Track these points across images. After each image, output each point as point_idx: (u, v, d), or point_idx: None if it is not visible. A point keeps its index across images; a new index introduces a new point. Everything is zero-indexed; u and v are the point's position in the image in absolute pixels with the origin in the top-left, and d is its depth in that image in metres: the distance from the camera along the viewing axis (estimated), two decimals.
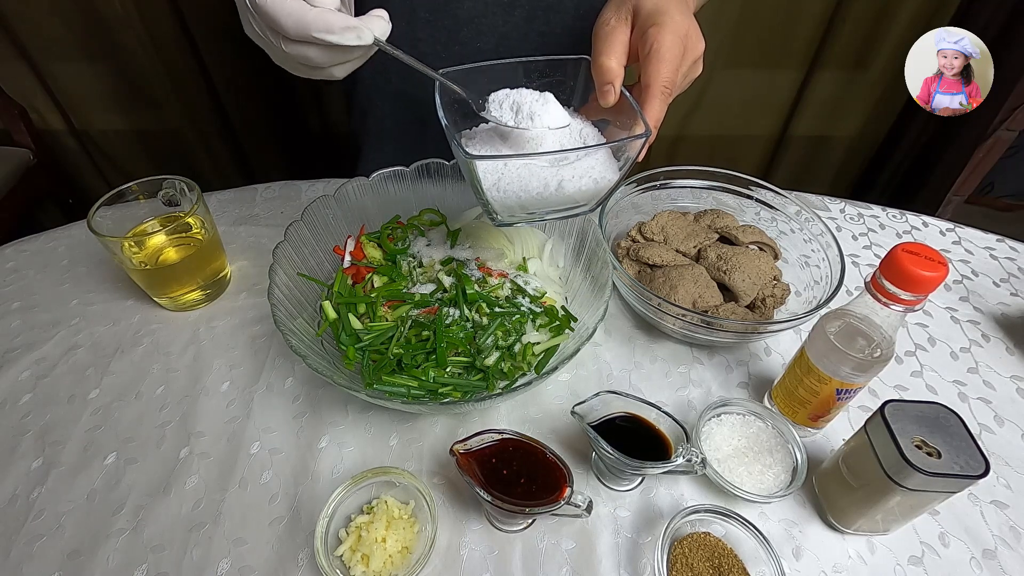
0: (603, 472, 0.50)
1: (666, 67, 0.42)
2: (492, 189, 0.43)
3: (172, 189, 0.62)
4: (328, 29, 0.37)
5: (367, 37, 0.38)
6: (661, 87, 0.42)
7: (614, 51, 0.43)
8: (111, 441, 0.53)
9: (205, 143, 1.49)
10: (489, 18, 0.67)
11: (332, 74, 0.41)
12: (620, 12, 0.44)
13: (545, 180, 0.43)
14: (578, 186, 0.44)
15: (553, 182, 0.43)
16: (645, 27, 0.43)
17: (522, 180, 0.43)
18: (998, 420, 0.55)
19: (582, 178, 0.44)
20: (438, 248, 0.61)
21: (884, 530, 0.46)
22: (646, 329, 0.63)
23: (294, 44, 0.38)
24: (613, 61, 0.43)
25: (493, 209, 0.46)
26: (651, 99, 0.42)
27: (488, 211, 0.46)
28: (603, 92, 0.44)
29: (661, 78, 0.42)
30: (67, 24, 1.26)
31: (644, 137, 0.42)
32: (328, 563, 0.42)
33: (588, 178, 0.44)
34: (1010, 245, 0.74)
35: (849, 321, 0.44)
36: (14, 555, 0.45)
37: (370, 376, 0.50)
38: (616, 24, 0.44)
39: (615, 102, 0.44)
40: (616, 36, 0.43)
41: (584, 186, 0.44)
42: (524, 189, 0.43)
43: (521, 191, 0.43)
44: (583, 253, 0.61)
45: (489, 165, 0.42)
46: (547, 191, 0.44)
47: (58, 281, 0.68)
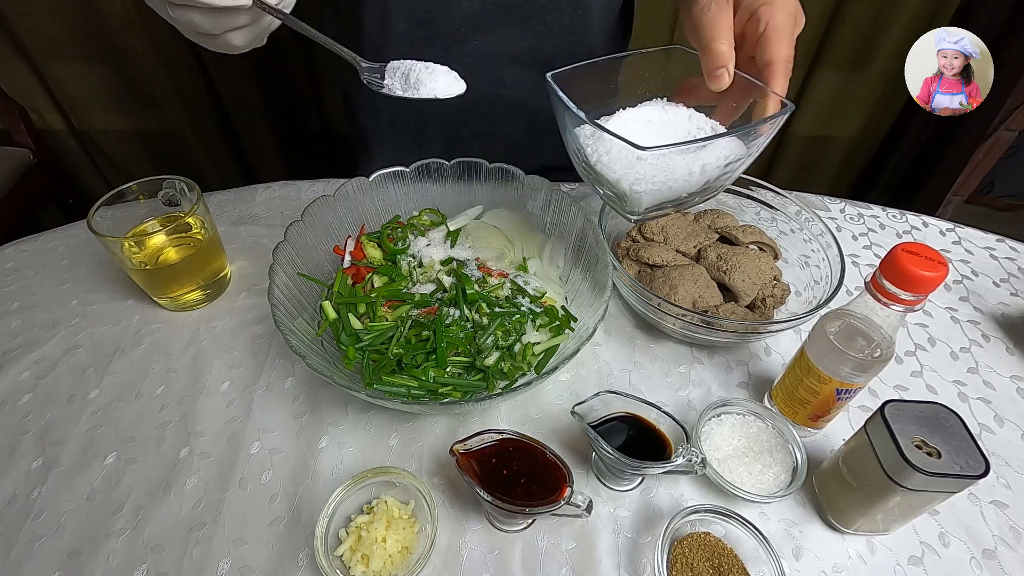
0: (603, 472, 0.50)
1: (786, 43, 0.43)
2: (646, 181, 0.44)
3: (172, 189, 0.62)
4: None
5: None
6: (785, 63, 0.43)
7: (724, 35, 0.43)
8: (111, 441, 0.53)
9: (205, 143, 1.50)
10: (485, 17, 0.68)
11: (230, 42, 0.40)
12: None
13: (689, 167, 0.44)
14: (717, 170, 0.45)
15: (696, 168, 0.44)
16: (754, 6, 0.43)
17: (668, 169, 0.44)
18: (998, 420, 0.55)
19: (718, 161, 0.45)
20: (438, 248, 0.61)
21: (884, 530, 0.46)
22: (646, 329, 0.63)
23: (178, 8, 0.37)
24: (724, 45, 0.43)
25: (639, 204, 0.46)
26: (776, 75, 0.43)
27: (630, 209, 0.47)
28: (716, 76, 0.44)
29: (783, 55, 0.43)
30: (67, 24, 1.26)
31: (790, 111, 0.43)
32: (328, 563, 0.43)
33: (724, 158, 0.45)
34: (1010, 245, 0.74)
35: (849, 321, 0.44)
36: (14, 555, 0.45)
37: (370, 376, 0.50)
38: (717, 9, 0.44)
39: (728, 85, 0.44)
40: (722, 20, 0.43)
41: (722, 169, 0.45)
42: (674, 178, 0.44)
43: (671, 180, 0.44)
44: (583, 253, 0.61)
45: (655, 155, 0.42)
46: (692, 178, 0.44)
47: (58, 281, 0.68)
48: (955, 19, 1.29)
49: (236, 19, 0.38)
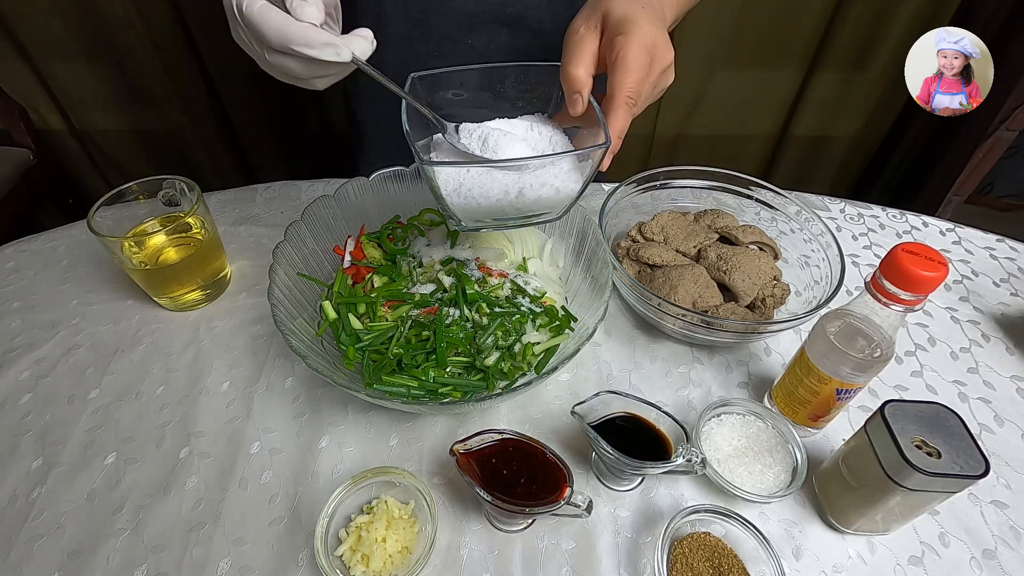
0: (603, 472, 0.50)
1: (631, 77, 0.42)
2: (453, 195, 0.44)
3: (172, 189, 0.62)
4: (308, 44, 0.38)
5: (345, 55, 0.39)
6: (625, 97, 0.42)
7: (582, 60, 0.43)
8: (111, 441, 0.53)
9: (205, 143, 1.49)
10: (480, 17, 0.68)
11: (314, 85, 0.42)
12: (589, 21, 0.44)
13: (506, 187, 0.43)
14: (539, 194, 0.44)
15: (514, 189, 0.44)
16: (613, 35, 0.42)
17: (483, 186, 0.43)
18: (998, 420, 0.55)
19: (543, 186, 0.44)
20: (438, 248, 0.61)
21: (884, 530, 0.46)
22: (646, 329, 0.63)
23: (277, 55, 0.39)
24: (581, 70, 0.43)
25: (453, 214, 0.46)
26: (615, 109, 0.42)
27: (449, 216, 0.47)
28: (571, 101, 0.44)
29: (625, 88, 0.42)
30: (67, 24, 1.26)
31: (604, 147, 0.41)
32: (328, 563, 0.42)
33: (549, 186, 0.44)
34: (1010, 245, 0.74)
35: (849, 321, 0.44)
36: (14, 555, 0.45)
37: (370, 376, 0.50)
38: (585, 32, 0.44)
39: (583, 111, 0.44)
40: (585, 45, 0.43)
41: (545, 194, 0.44)
42: (485, 195, 0.44)
43: (481, 197, 0.44)
44: (583, 253, 0.61)
45: (450, 171, 0.43)
46: (507, 198, 0.44)
47: (58, 281, 0.68)
48: (955, 19, 1.29)
49: (330, 69, 0.40)
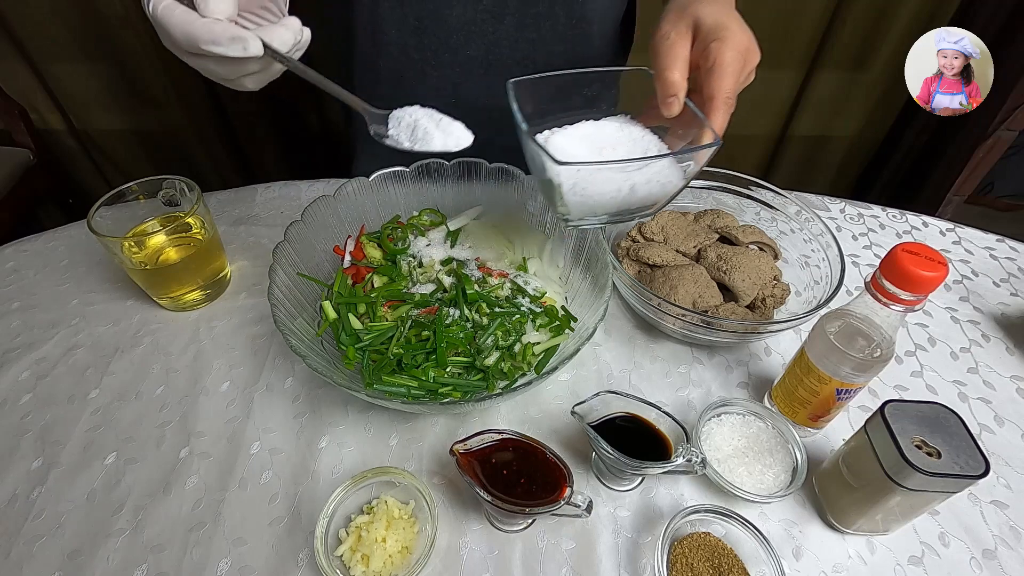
0: (603, 472, 0.50)
1: (728, 81, 0.44)
2: (570, 193, 0.44)
3: (172, 189, 0.62)
4: (213, 40, 0.36)
5: (254, 48, 0.37)
6: (725, 99, 0.44)
7: (677, 64, 0.44)
8: (111, 441, 0.53)
9: (205, 143, 1.49)
10: (479, 25, 0.67)
11: (243, 85, 0.42)
12: (679, 26, 0.46)
13: (618, 185, 0.45)
14: (648, 191, 0.46)
15: (625, 186, 0.45)
16: (707, 41, 0.44)
17: (598, 184, 0.44)
18: (998, 420, 0.55)
19: (650, 183, 0.45)
20: (438, 248, 0.61)
21: (884, 530, 0.46)
22: (646, 329, 0.63)
23: (192, 57, 0.38)
24: (677, 74, 0.44)
25: (568, 212, 0.47)
26: (716, 111, 0.44)
27: (562, 215, 0.48)
28: (667, 103, 0.45)
29: (724, 91, 0.44)
30: (67, 24, 1.26)
31: (716, 145, 0.44)
32: (328, 563, 0.43)
33: (656, 183, 0.46)
34: (1010, 245, 0.74)
35: (849, 321, 0.44)
36: (14, 555, 0.45)
37: (370, 376, 0.50)
38: (676, 38, 0.45)
39: (678, 112, 0.46)
40: (677, 50, 0.45)
41: (652, 190, 0.46)
42: (600, 192, 0.45)
43: (597, 194, 0.45)
44: (583, 253, 0.61)
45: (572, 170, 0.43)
46: (619, 195, 0.45)
47: (58, 281, 0.68)
48: (955, 19, 1.29)
49: (248, 66, 0.39)
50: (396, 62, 0.71)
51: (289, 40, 0.40)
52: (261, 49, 0.38)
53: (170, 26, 0.37)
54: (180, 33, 0.36)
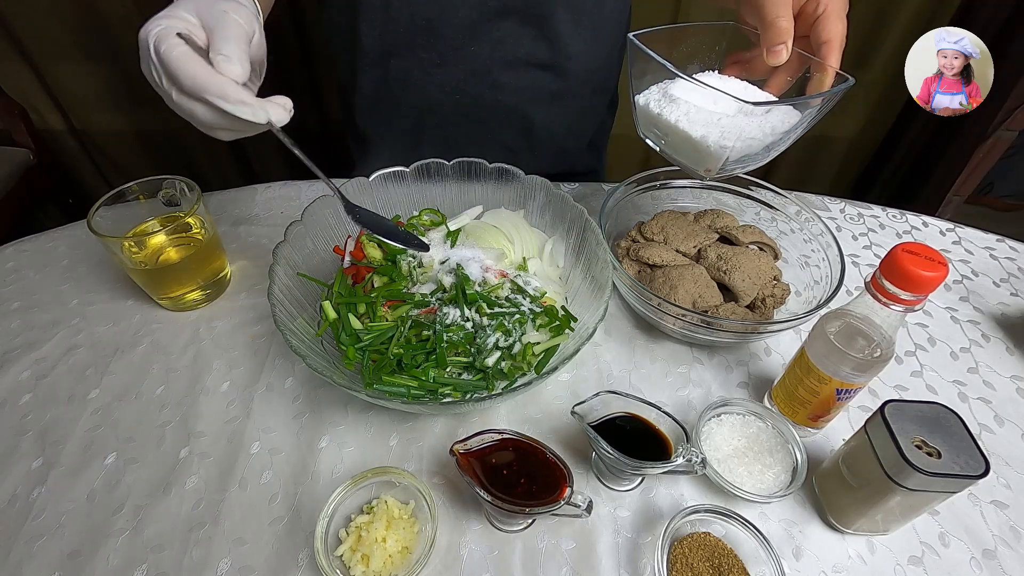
0: (603, 472, 0.50)
1: (841, 24, 0.47)
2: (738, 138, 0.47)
3: (172, 189, 0.62)
4: (223, 96, 0.38)
5: (260, 117, 0.40)
6: (840, 41, 0.47)
7: (785, 13, 0.46)
8: (111, 441, 0.53)
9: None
10: (484, 24, 0.68)
11: (216, 134, 0.43)
12: None
13: (761, 127, 0.48)
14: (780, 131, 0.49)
15: (767, 128, 0.48)
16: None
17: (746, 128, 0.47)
18: (998, 420, 0.55)
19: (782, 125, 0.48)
20: (438, 248, 0.61)
21: (884, 530, 0.46)
22: (646, 329, 0.63)
23: (185, 98, 0.39)
24: (786, 22, 0.46)
25: (720, 157, 0.49)
26: (832, 51, 0.47)
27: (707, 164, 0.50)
28: (775, 51, 0.47)
29: (839, 35, 0.47)
30: (67, 24, 1.26)
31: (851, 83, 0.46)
32: (328, 563, 0.43)
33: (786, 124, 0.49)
34: (1010, 245, 0.74)
35: (849, 321, 0.44)
36: (14, 555, 0.45)
37: (370, 376, 0.50)
38: None
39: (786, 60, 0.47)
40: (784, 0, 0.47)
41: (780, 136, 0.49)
42: (747, 136, 0.47)
43: (745, 137, 0.47)
44: (583, 253, 0.61)
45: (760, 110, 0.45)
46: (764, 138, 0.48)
47: (58, 281, 0.68)
48: (955, 19, 1.29)
49: (235, 123, 0.41)
50: (404, 60, 0.71)
51: (284, 118, 0.41)
52: (266, 119, 0.40)
53: (182, 72, 0.38)
54: (190, 79, 0.38)
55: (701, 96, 0.49)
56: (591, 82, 0.79)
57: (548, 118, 0.79)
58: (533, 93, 0.76)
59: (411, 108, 0.77)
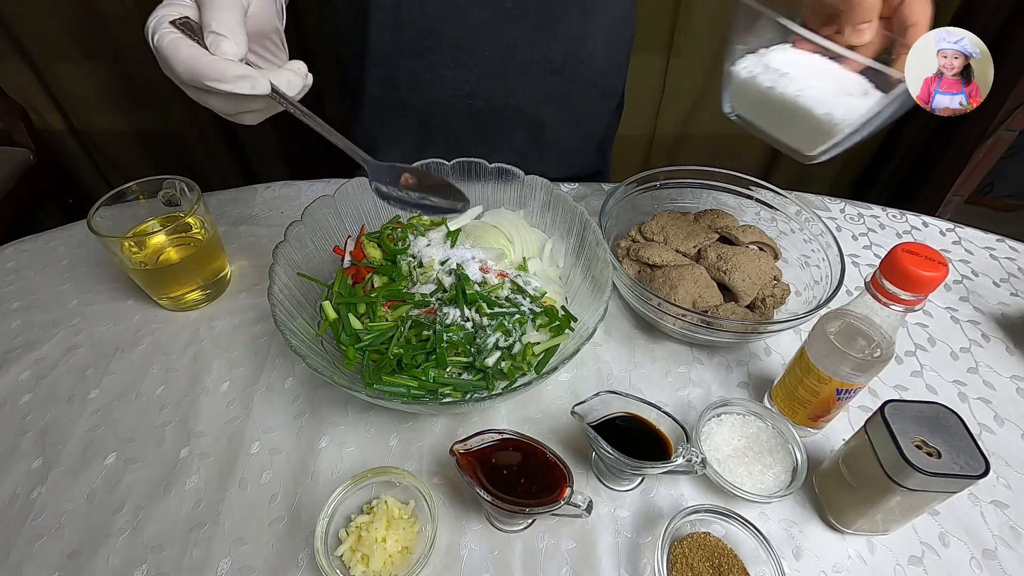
0: (603, 472, 0.50)
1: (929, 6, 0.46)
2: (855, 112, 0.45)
3: (172, 189, 0.62)
4: (220, 78, 0.36)
5: (261, 87, 0.38)
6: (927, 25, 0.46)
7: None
8: (111, 441, 0.53)
9: (205, 143, 1.49)
10: (497, 25, 0.67)
11: (241, 120, 0.42)
12: None
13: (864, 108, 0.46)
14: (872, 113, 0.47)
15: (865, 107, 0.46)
16: None
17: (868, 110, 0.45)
18: (998, 420, 0.55)
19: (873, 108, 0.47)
20: (438, 248, 0.61)
21: (884, 530, 0.46)
22: (646, 329, 0.63)
23: (195, 91, 0.38)
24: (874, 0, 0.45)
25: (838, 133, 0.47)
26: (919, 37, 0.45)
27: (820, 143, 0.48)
28: (860, 30, 0.46)
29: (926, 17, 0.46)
30: (67, 24, 1.26)
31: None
32: (328, 563, 0.43)
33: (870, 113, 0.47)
34: (1010, 245, 0.74)
35: (849, 321, 0.44)
36: (14, 555, 0.45)
37: (370, 376, 0.50)
38: None
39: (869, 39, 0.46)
40: None
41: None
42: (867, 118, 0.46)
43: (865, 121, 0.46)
44: (583, 253, 0.61)
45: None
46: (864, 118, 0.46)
47: (58, 281, 0.68)
48: (955, 19, 1.29)
49: (251, 104, 0.40)
50: (414, 62, 0.71)
51: (297, 84, 0.40)
52: (268, 88, 0.38)
53: (175, 60, 0.36)
54: (184, 68, 0.36)
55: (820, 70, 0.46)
56: (601, 84, 0.79)
57: (558, 121, 0.79)
58: (544, 96, 0.76)
59: (418, 109, 0.77)
